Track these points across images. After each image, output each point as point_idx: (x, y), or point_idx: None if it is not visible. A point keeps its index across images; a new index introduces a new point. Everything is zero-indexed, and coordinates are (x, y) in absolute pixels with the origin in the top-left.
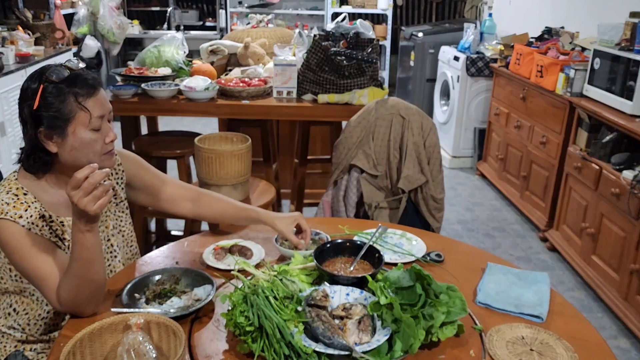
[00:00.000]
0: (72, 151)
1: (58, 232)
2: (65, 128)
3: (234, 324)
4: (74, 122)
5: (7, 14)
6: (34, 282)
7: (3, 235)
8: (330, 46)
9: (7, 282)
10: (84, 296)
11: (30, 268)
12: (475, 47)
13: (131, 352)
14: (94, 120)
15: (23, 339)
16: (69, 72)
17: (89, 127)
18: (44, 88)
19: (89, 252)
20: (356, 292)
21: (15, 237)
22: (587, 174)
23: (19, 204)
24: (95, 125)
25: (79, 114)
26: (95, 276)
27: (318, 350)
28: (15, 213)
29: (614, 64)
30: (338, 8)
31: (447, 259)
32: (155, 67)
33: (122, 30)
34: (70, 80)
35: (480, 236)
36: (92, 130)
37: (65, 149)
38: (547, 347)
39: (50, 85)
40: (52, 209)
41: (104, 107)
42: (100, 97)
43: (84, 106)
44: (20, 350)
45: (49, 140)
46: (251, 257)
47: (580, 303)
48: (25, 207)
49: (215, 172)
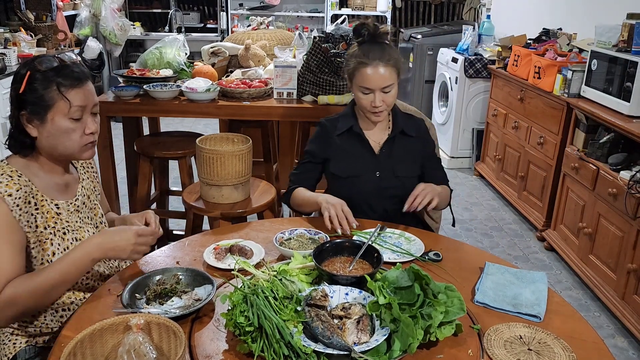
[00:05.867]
0: (49, 137)
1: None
2: (45, 114)
3: (233, 324)
4: (53, 109)
5: (9, 15)
6: None
7: None
8: (330, 48)
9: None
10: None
11: None
12: (473, 49)
13: (131, 353)
14: (74, 109)
15: (36, 332)
16: (59, 63)
17: (67, 116)
18: (31, 74)
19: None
20: (355, 292)
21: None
22: (584, 174)
23: (12, 183)
24: (75, 115)
25: (59, 103)
26: (56, 296)
27: (317, 350)
28: (6, 191)
29: (611, 65)
30: (338, 10)
31: (445, 258)
32: (157, 68)
33: (124, 32)
34: (56, 70)
35: (479, 236)
36: (71, 119)
37: (44, 134)
38: (544, 347)
39: (38, 73)
40: (44, 191)
41: (87, 99)
42: (84, 90)
43: (64, 96)
44: (33, 345)
45: (29, 124)
46: (251, 257)
47: (577, 302)
48: (18, 187)
49: (216, 172)
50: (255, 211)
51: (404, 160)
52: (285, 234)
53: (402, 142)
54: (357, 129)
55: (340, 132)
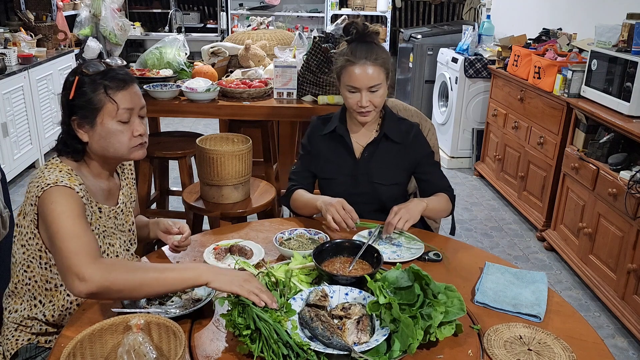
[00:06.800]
0: (100, 140)
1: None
2: (94, 118)
3: (233, 324)
4: (102, 112)
5: (9, 15)
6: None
7: (56, 197)
8: (330, 48)
9: (34, 270)
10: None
11: (74, 233)
12: (473, 49)
13: (131, 353)
14: (121, 112)
15: (42, 331)
16: (105, 66)
17: (115, 118)
18: (80, 79)
19: (176, 286)
20: (355, 292)
21: (70, 200)
22: (584, 174)
23: (73, 179)
24: (123, 117)
25: (107, 105)
26: (146, 294)
27: (317, 350)
28: (73, 183)
29: (611, 65)
30: (338, 10)
31: (445, 258)
32: (157, 68)
33: (124, 32)
34: (103, 73)
35: (479, 236)
36: (119, 122)
37: (94, 138)
38: (545, 347)
39: (86, 77)
40: (91, 193)
41: (134, 101)
42: (130, 92)
43: (112, 98)
44: (34, 343)
45: (80, 129)
46: (251, 257)
47: (577, 302)
48: (78, 182)
49: (216, 172)
50: (255, 211)
51: (384, 166)
52: (285, 234)
53: (386, 147)
54: (340, 130)
55: (325, 132)
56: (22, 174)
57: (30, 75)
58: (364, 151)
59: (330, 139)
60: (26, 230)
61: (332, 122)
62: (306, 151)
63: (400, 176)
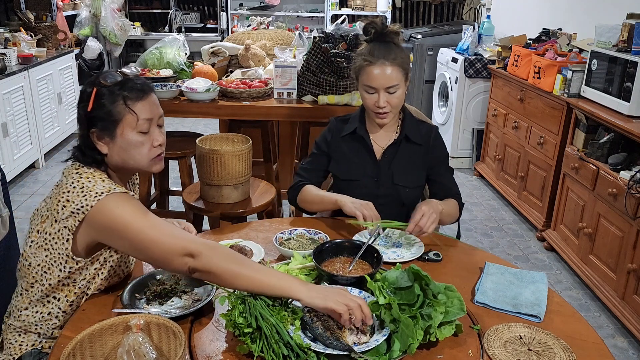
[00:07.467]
0: (120, 152)
1: None
2: (114, 129)
3: (233, 324)
4: (122, 123)
5: (9, 15)
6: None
7: (118, 203)
8: (330, 48)
9: (53, 272)
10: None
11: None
12: (473, 49)
13: (131, 353)
14: (141, 122)
15: (47, 335)
16: (122, 77)
17: (135, 129)
18: (98, 91)
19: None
20: (355, 292)
21: (133, 201)
22: (584, 174)
23: (118, 185)
24: (143, 128)
25: (126, 117)
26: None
27: (317, 350)
28: (122, 189)
29: (611, 65)
30: (338, 10)
31: (445, 258)
32: (157, 68)
33: (124, 32)
34: (121, 84)
35: (479, 236)
36: (139, 132)
37: (114, 149)
38: (545, 347)
39: (104, 88)
40: None
41: (152, 111)
42: (149, 102)
43: (131, 109)
44: (38, 349)
45: (100, 141)
46: (251, 257)
47: (577, 302)
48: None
49: (216, 172)
50: (255, 211)
51: (405, 168)
52: (285, 234)
53: (407, 149)
54: (361, 131)
55: (345, 134)
56: (22, 174)
57: (30, 75)
58: (385, 153)
59: (351, 139)
60: (52, 236)
61: (352, 122)
62: (321, 151)
63: (422, 178)
